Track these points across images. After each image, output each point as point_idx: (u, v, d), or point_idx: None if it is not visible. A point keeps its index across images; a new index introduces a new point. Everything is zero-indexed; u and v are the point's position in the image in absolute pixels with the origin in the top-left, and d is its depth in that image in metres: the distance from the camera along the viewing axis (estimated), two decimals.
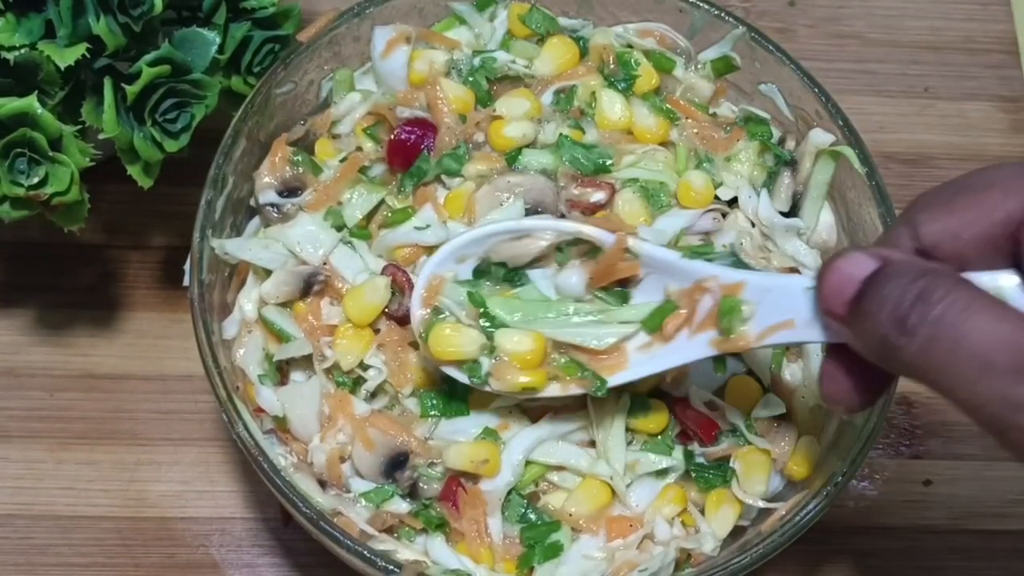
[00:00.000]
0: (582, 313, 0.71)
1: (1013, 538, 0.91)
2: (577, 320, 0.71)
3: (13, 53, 0.75)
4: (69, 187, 0.75)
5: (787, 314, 0.62)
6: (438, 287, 0.72)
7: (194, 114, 0.79)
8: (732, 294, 0.65)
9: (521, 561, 0.73)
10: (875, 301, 0.53)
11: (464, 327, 0.71)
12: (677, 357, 0.69)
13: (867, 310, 0.53)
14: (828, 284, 0.56)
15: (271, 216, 0.80)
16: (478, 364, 0.71)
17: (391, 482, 0.74)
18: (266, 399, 0.76)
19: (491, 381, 0.71)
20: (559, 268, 0.73)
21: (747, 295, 0.64)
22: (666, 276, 0.69)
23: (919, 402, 0.95)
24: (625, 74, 0.83)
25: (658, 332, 0.69)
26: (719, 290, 0.66)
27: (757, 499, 0.76)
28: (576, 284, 0.71)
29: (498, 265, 0.73)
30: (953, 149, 1.05)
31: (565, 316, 0.71)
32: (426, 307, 0.72)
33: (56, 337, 0.93)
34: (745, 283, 0.65)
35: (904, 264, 0.54)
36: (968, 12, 1.11)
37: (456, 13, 0.86)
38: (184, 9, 0.82)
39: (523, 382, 0.71)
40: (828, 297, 0.56)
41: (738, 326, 0.65)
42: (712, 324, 0.66)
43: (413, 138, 0.80)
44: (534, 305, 0.72)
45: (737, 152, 0.83)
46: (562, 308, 0.72)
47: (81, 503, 0.88)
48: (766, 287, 0.64)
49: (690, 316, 0.67)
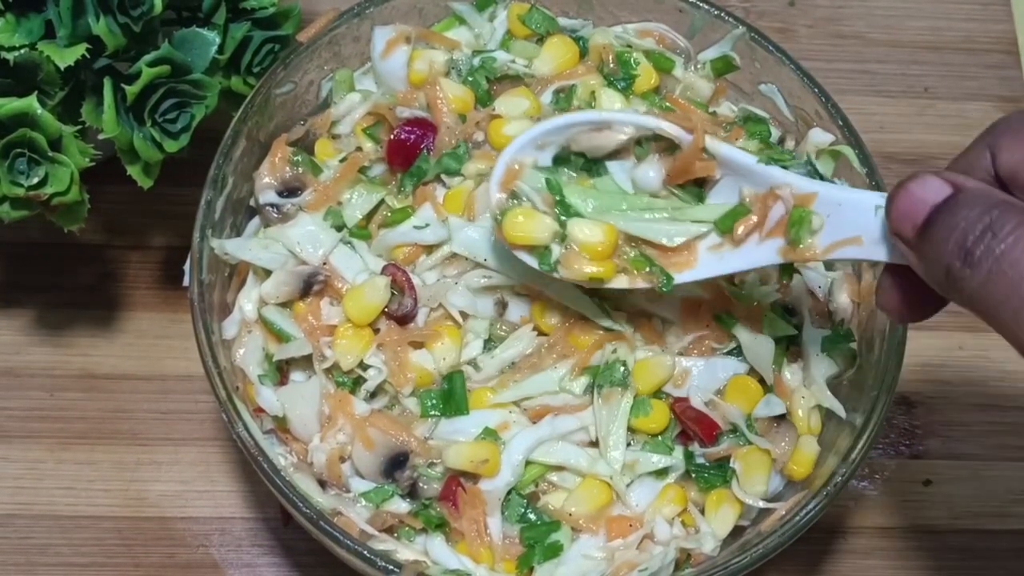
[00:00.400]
0: (656, 209, 0.71)
1: (1013, 538, 0.91)
2: (650, 216, 0.71)
3: (13, 53, 0.75)
4: (69, 187, 0.76)
5: (856, 230, 0.62)
6: (518, 172, 0.72)
7: (194, 114, 0.79)
8: (803, 204, 0.65)
9: (521, 561, 0.73)
10: (943, 228, 0.52)
11: (538, 214, 0.71)
12: (745, 261, 0.69)
13: (934, 237, 0.52)
14: (899, 206, 0.55)
15: (271, 216, 0.80)
16: (548, 251, 0.71)
17: (391, 482, 0.74)
18: (266, 399, 0.76)
19: (560, 268, 0.71)
20: (637, 162, 0.73)
21: (818, 206, 0.65)
22: (741, 179, 0.69)
23: (919, 402, 0.95)
24: (625, 74, 0.83)
25: (729, 234, 0.69)
26: (791, 198, 0.66)
27: (757, 499, 0.76)
28: (653, 179, 0.71)
29: (577, 155, 0.73)
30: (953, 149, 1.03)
31: (639, 211, 0.71)
32: (503, 191, 0.72)
33: (56, 337, 0.93)
34: (817, 194, 0.65)
35: (976, 193, 0.52)
36: (968, 12, 1.12)
37: (456, 13, 0.86)
38: (184, 9, 0.82)
39: (590, 272, 0.71)
40: (897, 219, 0.55)
41: (806, 237, 0.65)
42: (782, 232, 0.66)
43: (413, 138, 0.81)
44: (610, 196, 0.72)
45: None
46: (637, 202, 0.72)
47: (81, 503, 0.88)
48: (838, 200, 0.64)
49: (761, 221, 0.67)
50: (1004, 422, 0.94)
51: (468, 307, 0.76)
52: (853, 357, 0.79)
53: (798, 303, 0.80)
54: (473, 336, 0.77)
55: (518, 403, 0.76)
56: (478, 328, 0.77)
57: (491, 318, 0.77)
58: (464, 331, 0.77)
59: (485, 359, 0.76)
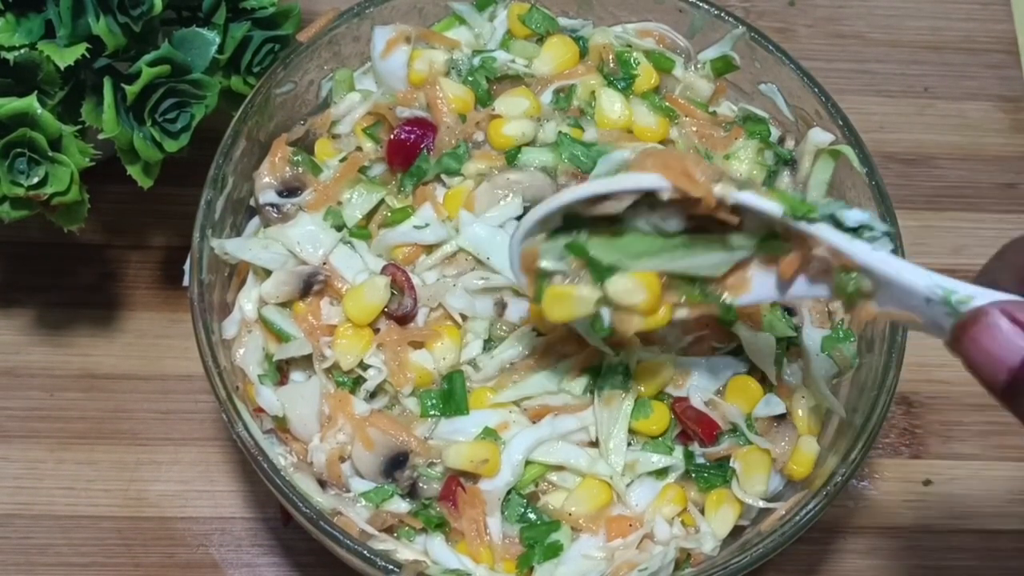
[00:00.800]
0: (691, 245, 0.65)
1: (1013, 538, 0.91)
2: (685, 251, 0.65)
3: (13, 53, 0.75)
4: (69, 187, 0.76)
5: (909, 308, 0.58)
6: (533, 253, 0.67)
7: (194, 114, 0.79)
8: (846, 268, 0.61)
9: (521, 561, 0.73)
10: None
11: (573, 289, 0.67)
12: (799, 290, 0.65)
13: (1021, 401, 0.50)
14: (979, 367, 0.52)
15: (271, 216, 0.80)
16: (599, 317, 0.67)
17: (391, 482, 0.74)
18: (266, 399, 0.76)
19: (616, 328, 0.67)
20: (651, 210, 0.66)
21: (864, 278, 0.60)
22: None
23: (919, 402, 0.95)
24: (624, 73, 0.83)
25: (774, 264, 0.64)
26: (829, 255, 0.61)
27: (757, 499, 0.76)
28: (675, 224, 0.65)
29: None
30: (953, 149, 1.05)
31: (673, 249, 0.66)
32: (527, 274, 0.68)
33: (56, 337, 0.93)
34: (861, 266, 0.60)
35: None
36: (968, 12, 1.12)
37: (456, 13, 0.86)
38: (184, 9, 0.82)
39: (646, 325, 0.67)
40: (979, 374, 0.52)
41: (860, 300, 0.61)
42: (829, 277, 0.62)
43: (413, 138, 0.81)
44: (637, 242, 0.66)
45: (736, 150, 0.83)
46: (669, 242, 0.66)
47: (81, 503, 0.88)
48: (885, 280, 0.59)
49: (805, 262, 0.63)
50: (1004, 422, 0.93)
51: (466, 308, 0.76)
52: (853, 357, 0.79)
53: (798, 303, 0.80)
54: (473, 336, 0.77)
55: (518, 403, 0.76)
56: (478, 328, 0.77)
57: (491, 318, 0.77)
58: (464, 331, 0.77)
59: (485, 359, 0.76)
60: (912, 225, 0.98)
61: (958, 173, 1.04)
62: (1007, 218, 1.02)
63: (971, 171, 1.04)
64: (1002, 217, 1.02)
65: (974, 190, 1.04)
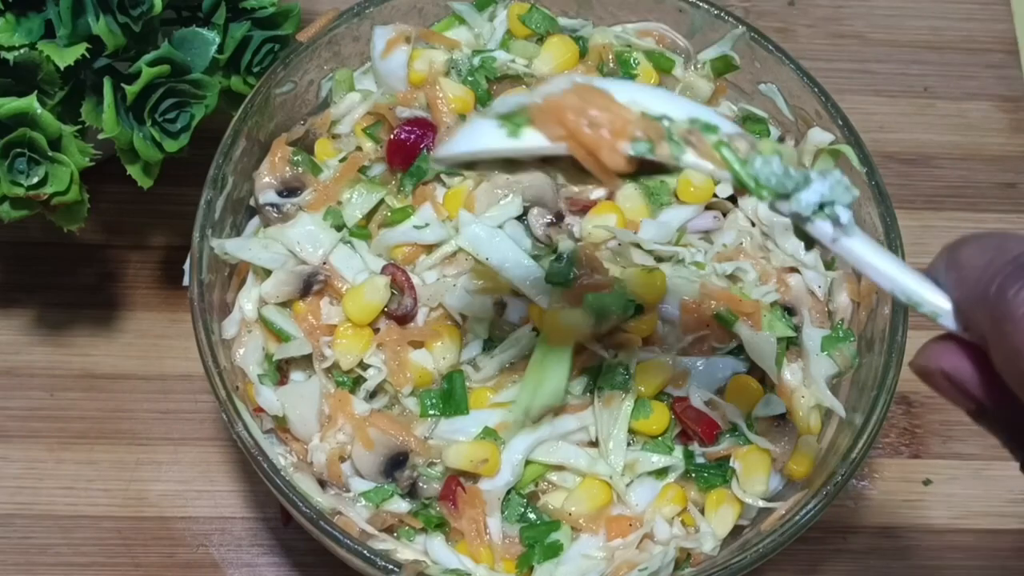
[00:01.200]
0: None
1: (1013, 538, 0.91)
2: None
3: (13, 53, 0.75)
4: (69, 187, 0.75)
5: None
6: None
7: (194, 114, 0.79)
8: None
9: (521, 560, 0.73)
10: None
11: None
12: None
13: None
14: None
15: (271, 216, 0.80)
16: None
17: (391, 482, 0.74)
18: (266, 399, 0.76)
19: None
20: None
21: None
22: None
23: (919, 402, 0.95)
24: (624, 73, 0.83)
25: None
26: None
27: (757, 499, 0.76)
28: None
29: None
30: (953, 149, 1.05)
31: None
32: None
33: (56, 337, 0.93)
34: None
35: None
36: (968, 12, 1.11)
37: (456, 13, 0.86)
38: (184, 9, 0.82)
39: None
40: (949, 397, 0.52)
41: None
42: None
43: (413, 138, 0.81)
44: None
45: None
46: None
47: (81, 503, 0.88)
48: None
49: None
50: None
51: (465, 309, 0.76)
52: (853, 357, 0.79)
53: (798, 303, 0.80)
54: (473, 336, 0.77)
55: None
56: (477, 328, 0.77)
57: (490, 318, 0.77)
58: (463, 331, 0.77)
59: (484, 359, 0.76)
60: (912, 225, 0.98)
61: (958, 173, 1.04)
62: (1007, 218, 1.02)
63: (971, 171, 1.04)
64: (1002, 217, 1.02)
65: (974, 190, 1.04)
